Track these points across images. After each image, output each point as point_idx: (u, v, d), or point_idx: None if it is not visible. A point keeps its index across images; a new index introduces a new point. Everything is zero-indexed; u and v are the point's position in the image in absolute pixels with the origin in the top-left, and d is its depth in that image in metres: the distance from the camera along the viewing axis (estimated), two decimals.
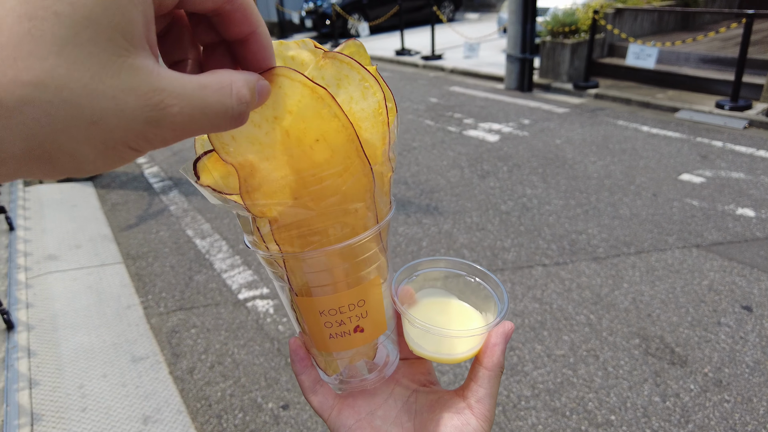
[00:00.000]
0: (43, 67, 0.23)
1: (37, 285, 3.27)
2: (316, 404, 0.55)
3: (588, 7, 7.69)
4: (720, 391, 2.38)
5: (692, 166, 4.72)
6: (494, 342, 0.51)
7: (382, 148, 0.47)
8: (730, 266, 3.24)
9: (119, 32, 0.25)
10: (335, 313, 0.51)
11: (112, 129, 0.25)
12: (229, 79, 0.31)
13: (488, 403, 0.50)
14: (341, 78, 0.45)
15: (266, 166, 0.41)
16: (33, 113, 0.23)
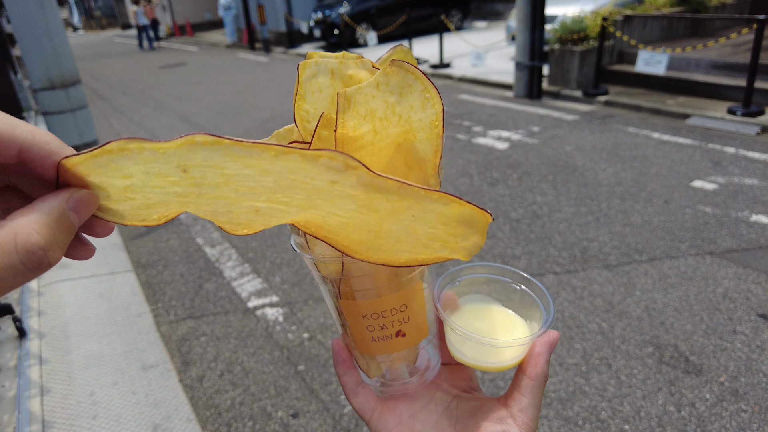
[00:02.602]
0: None
1: (48, 293, 3.29)
2: (357, 406, 0.55)
3: (597, 14, 7.68)
4: (737, 400, 2.33)
5: (704, 172, 4.67)
6: (538, 351, 0.51)
7: (434, 161, 0.47)
8: (745, 273, 3.19)
9: None
10: (378, 317, 0.51)
11: None
12: (12, 231, 0.27)
13: (531, 413, 0.50)
14: (405, 87, 0.45)
15: (189, 208, 0.40)
16: None
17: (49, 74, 4.78)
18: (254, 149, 0.37)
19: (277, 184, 0.39)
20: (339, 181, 0.39)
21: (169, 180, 0.38)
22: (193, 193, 0.39)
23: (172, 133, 7.41)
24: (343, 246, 0.43)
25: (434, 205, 0.41)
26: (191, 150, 0.38)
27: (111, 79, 12.89)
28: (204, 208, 0.39)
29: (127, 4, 31.80)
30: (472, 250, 0.44)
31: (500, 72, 9.12)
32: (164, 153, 0.37)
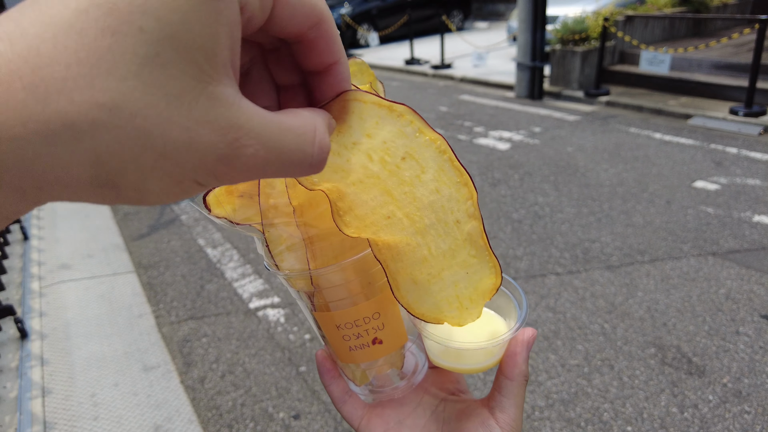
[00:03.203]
0: (120, 88, 0.21)
1: (50, 294, 3.29)
2: (346, 414, 0.55)
3: (598, 15, 7.67)
4: (740, 402, 2.32)
5: (706, 173, 4.66)
6: (515, 351, 0.50)
7: None
8: (747, 274, 3.18)
9: (203, 54, 0.23)
10: (352, 327, 0.51)
11: (181, 163, 0.24)
12: (312, 122, 0.29)
13: (513, 413, 0.49)
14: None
15: (353, 189, 0.40)
16: (104, 139, 0.21)
17: None
18: (456, 171, 0.40)
19: (431, 204, 0.41)
20: (461, 224, 0.42)
21: (383, 158, 0.39)
22: (379, 178, 0.40)
23: None
24: (393, 280, 0.45)
25: (485, 270, 0.44)
26: (428, 147, 0.39)
27: None
28: (361, 196, 0.41)
29: None
30: (466, 320, 0.46)
31: (501, 72, 9.12)
32: (414, 138, 0.38)
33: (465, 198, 0.41)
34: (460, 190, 0.40)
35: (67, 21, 0.21)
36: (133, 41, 0.21)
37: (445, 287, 0.45)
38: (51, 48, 0.21)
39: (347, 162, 0.39)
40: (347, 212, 0.42)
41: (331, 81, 0.34)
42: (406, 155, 0.39)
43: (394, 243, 0.43)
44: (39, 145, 0.21)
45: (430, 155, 0.39)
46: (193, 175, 0.24)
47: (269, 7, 0.27)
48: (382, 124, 0.38)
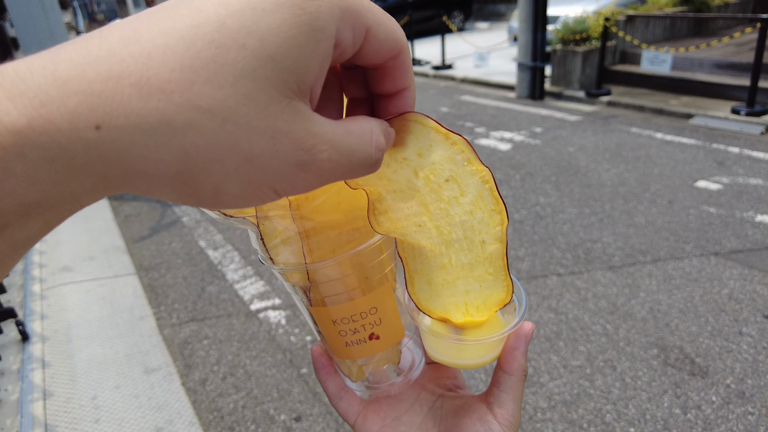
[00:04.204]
0: (216, 95, 0.24)
1: (51, 296, 3.29)
2: (342, 410, 0.55)
3: (599, 15, 7.66)
4: (743, 402, 2.31)
5: (708, 172, 4.65)
6: (513, 346, 0.50)
7: None
8: (750, 274, 3.17)
9: (294, 76, 0.26)
10: (348, 322, 0.51)
11: (263, 168, 0.26)
12: (369, 126, 0.32)
13: (511, 409, 0.49)
14: None
15: (393, 196, 0.43)
16: (195, 138, 0.24)
17: None
18: (494, 200, 0.43)
19: (463, 222, 0.43)
20: (486, 244, 0.44)
21: (428, 177, 0.42)
22: (417, 191, 0.42)
23: None
24: (409, 276, 0.47)
25: (498, 287, 0.46)
26: (473, 176, 0.42)
27: None
28: (399, 204, 0.43)
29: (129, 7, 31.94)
30: (468, 325, 0.49)
31: (502, 73, 9.11)
32: (462, 165, 0.41)
33: (496, 224, 0.44)
34: (493, 216, 0.43)
35: (179, 32, 0.24)
36: (234, 55, 0.24)
37: (457, 294, 0.47)
38: (160, 54, 0.23)
39: (394, 173, 0.41)
40: (382, 214, 0.44)
41: (398, 104, 0.37)
42: (450, 178, 0.41)
43: (420, 246, 0.45)
44: (136, 137, 0.23)
45: (472, 183, 0.42)
46: (272, 181, 0.27)
47: (360, 43, 0.30)
48: (435, 147, 0.40)
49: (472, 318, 0.47)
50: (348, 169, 0.30)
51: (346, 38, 0.28)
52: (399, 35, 0.32)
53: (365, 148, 0.31)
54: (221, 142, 0.24)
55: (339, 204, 0.47)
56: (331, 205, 0.47)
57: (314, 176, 0.28)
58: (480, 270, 0.45)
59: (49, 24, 4.63)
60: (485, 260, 0.45)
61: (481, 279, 0.46)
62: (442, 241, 0.44)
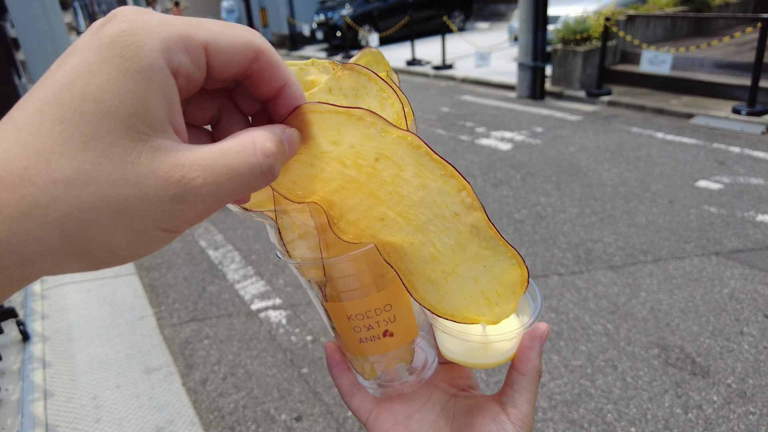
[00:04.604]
0: (72, 165, 0.26)
1: (52, 296, 3.29)
2: (354, 408, 0.55)
3: (599, 14, 7.66)
4: (744, 402, 2.31)
5: (709, 172, 4.64)
6: (528, 346, 0.50)
7: None
8: (751, 274, 3.17)
9: (138, 119, 0.27)
10: (363, 318, 0.51)
11: (137, 214, 0.27)
12: (250, 137, 0.31)
13: (525, 409, 0.49)
14: (359, 89, 0.45)
15: (338, 197, 0.41)
16: (64, 209, 0.25)
17: None
18: (437, 164, 0.40)
19: (421, 200, 0.41)
20: (461, 216, 0.41)
21: (356, 162, 0.40)
22: (359, 182, 0.40)
23: None
24: (408, 282, 0.45)
25: (503, 261, 0.43)
26: (398, 145, 0.39)
27: None
28: (348, 202, 0.41)
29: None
30: (501, 316, 0.45)
31: (503, 73, 9.11)
32: (381, 138, 0.39)
33: (456, 190, 0.40)
34: (447, 182, 0.40)
35: (26, 121, 0.26)
36: (77, 124, 0.26)
37: (465, 284, 0.44)
38: (15, 145, 0.25)
39: (322, 171, 0.40)
40: (340, 219, 0.43)
41: (285, 102, 0.36)
42: (378, 156, 0.39)
43: (398, 243, 0.43)
44: (14, 225, 0.25)
45: (403, 152, 0.39)
46: (153, 222, 0.28)
47: (203, 62, 0.31)
48: (344, 129, 0.38)
49: (499, 306, 0.44)
50: (235, 186, 0.30)
51: (183, 63, 0.29)
52: (248, 38, 0.32)
53: (248, 159, 0.30)
54: (89, 204, 0.26)
55: None
56: None
57: (196, 204, 0.29)
58: (473, 248, 0.42)
59: (50, 24, 4.64)
60: (471, 234, 0.41)
61: (480, 258, 0.42)
62: (415, 228, 0.42)
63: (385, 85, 0.45)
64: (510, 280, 0.44)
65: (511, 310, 0.45)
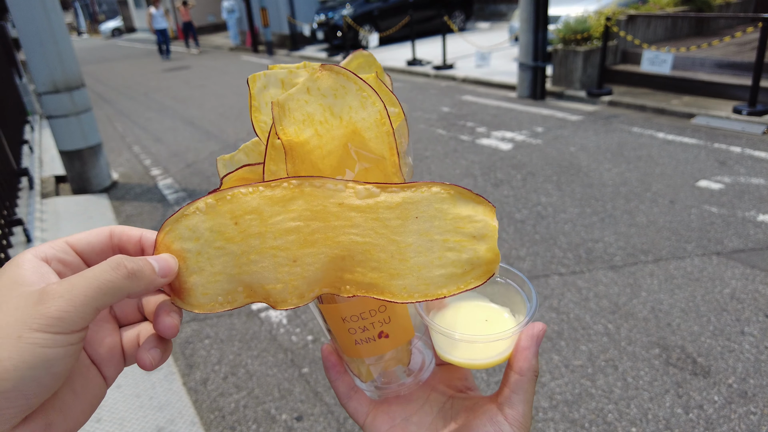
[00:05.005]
0: None
1: None
2: (351, 410, 0.55)
3: (600, 14, 7.66)
4: (746, 402, 2.31)
5: (710, 172, 4.64)
6: (524, 345, 0.50)
7: (392, 159, 0.47)
8: (752, 274, 3.16)
9: (14, 280, 0.37)
10: (357, 319, 0.51)
11: (9, 323, 0.34)
12: (116, 259, 0.40)
13: (522, 409, 0.49)
14: (338, 89, 0.46)
15: (203, 273, 0.46)
16: None
17: (54, 78, 4.80)
18: (276, 188, 0.42)
19: (303, 218, 0.43)
20: (344, 201, 0.43)
21: (226, 236, 0.43)
22: (247, 249, 0.43)
23: (175, 135, 7.44)
24: (383, 288, 0.45)
25: (430, 197, 0.44)
26: (237, 199, 0.43)
27: (115, 83, 12.95)
28: (259, 274, 0.43)
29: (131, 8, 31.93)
30: (488, 257, 0.45)
31: (503, 73, 9.11)
32: (218, 208, 0.43)
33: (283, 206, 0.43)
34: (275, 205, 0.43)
35: None
36: None
37: (423, 250, 0.44)
38: None
39: (211, 259, 0.44)
40: (279, 302, 0.44)
41: (148, 246, 0.46)
42: (239, 217, 0.43)
43: (322, 272, 0.44)
44: None
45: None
46: (25, 325, 0.34)
47: (70, 249, 0.43)
48: (197, 229, 0.43)
49: (473, 240, 0.44)
50: (88, 284, 0.37)
51: (50, 253, 0.41)
52: (101, 228, 0.46)
53: (104, 265, 0.39)
54: None
55: None
56: None
57: (56, 300, 0.35)
58: (381, 214, 0.44)
59: (51, 24, 4.64)
60: (373, 207, 0.44)
61: (400, 214, 0.44)
62: (336, 244, 0.44)
63: (365, 85, 0.46)
64: (458, 214, 0.44)
65: (490, 252, 0.45)
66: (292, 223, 0.43)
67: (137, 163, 6.36)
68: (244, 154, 0.56)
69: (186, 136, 7.40)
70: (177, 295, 0.44)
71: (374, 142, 0.46)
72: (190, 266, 0.43)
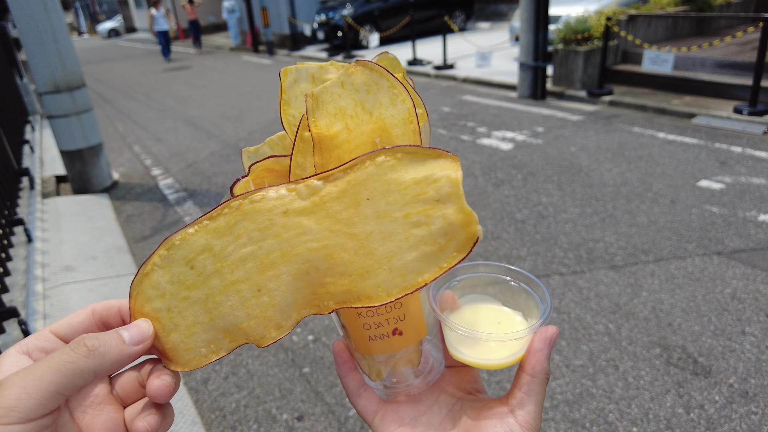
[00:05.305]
0: None
1: (54, 296, 3.29)
2: (360, 408, 0.55)
3: (601, 14, 7.65)
4: (746, 402, 2.30)
5: (711, 172, 4.64)
6: (537, 348, 0.50)
7: None
8: (753, 274, 3.16)
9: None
10: (373, 315, 0.51)
11: None
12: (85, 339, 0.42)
13: (533, 411, 0.49)
14: (370, 85, 0.46)
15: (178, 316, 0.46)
16: None
17: (54, 78, 4.80)
18: (219, 218, 0.42)
19: (253, 241, 0.42)
20: (288, 208, 0.42)
21: (187, 284, 0.42)
22: (210, 292, 0.42)
23: (176, 135, 7.44)
24: (359, 294, 0.44)
25: (376, 171, 0.42)
26: (186, 242, 0.42)
27: (115, 83, 12.95)
28: (230, 315, 0.43)
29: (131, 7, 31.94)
30: (460, 219, 0.42)
31: (504, 73, 9.10)
32: (171, 257, 0.42)
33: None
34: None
35: None
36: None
37: (386, 235, 0.43)
38: None
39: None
40: (259, 339, 0.44)
41: (126, 321, 0.47)
42: (204, 250, 0.43)
43: (291, 294, 0.44)
44: None
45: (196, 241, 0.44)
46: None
47: (50, 335, 0.43)
48: (160, 282, 0.43)
49: (438, 204, 0.43)
50: (54, 364, 0.39)
51: (32, 343, 0.42)
52: (82, 308, 0.46)
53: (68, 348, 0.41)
54: None
55: None
56: None
57: (15, 381, 0.37)
58: (329, 209, 0.43)
59: (52, 24, 4.64)
60: (312, 208, 0.44)
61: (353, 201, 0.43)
62: (293, 257, 0.43)
63: (397, 82, 0.46)
64: (408, 180, 0.43)
65: (459, 213, 0.43)
66: (244, 249, 0.41)
67: (138, 163, 6.36)
68: (269, 147, 0.56)
69: (187, 136, 7.40)
70: (166, 358, 0.44)
71: (401, 139, 0.47)
72: (166, 325, 0.43)
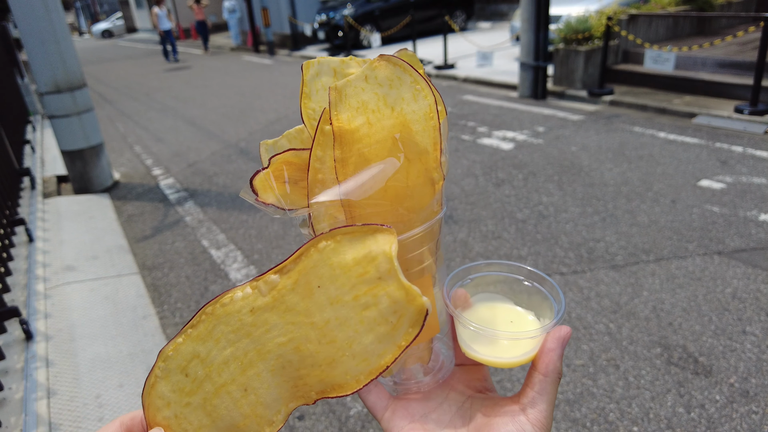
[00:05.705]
0: None
1: (55, 295, 3.30)
2: (370, 404, 0.55)
3: (601, 14, 7.65)
4: (747, 402, 2.30)
5: (712, 171, 4.64)
6: (550, 347, 0.50)
7: (434, 154, 0.48)
8: (754, 273, 3.16)
9: None
10: None
11: None
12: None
13: (544, 410, 0.49)
14: (393, 79, 0.46)
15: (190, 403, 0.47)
16: None
17: (55, 78, 4.81)
18: (198, 325, 0.43)
19: (231, 343, 0.43)
20: (254, 306, 0.44)
21: (186, 391, 0.44)
22: (206, 396, 0.44)
23: (177, 135, 7.44)
24: (332, 384, 0.45)
25: (321, 258, 0.44)
26: (179, 351, 0.44)
27: (116, 83, 12.96)
28: (227, 416, 0.44)
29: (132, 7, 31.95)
30: (400, 297, 0.43)
31: (505, 72, 9.10)
32: (168, 368, 0.44)
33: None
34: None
35: None
36: None
37: (342, 320, 0.44)
38: None
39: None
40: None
41: None
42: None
43: (275, 389, 0.45)
44: None
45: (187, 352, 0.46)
46: None
47: None
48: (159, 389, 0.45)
49: (381, 295, 0.44)
50: None
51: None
52: (117, 419, 0.48)
53: None
54: None
55: (386, 191, 0.48)
56: (379, 193, 0.48)
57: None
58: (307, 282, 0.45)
59: (52, 24, 4.64)
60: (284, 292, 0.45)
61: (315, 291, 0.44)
62: (265, 353, 0.45)
63: (420, 77, 0.46)
64: (348, 261, 0.44)
65: (400, 293, 0.44)
66: (225, 352, 0.43)
67: (139, 163, 6.36)
68: (287, 141, 0.56)
69: (187, 136, 7.41)
70: None
71: (420, 135, 0.47)
72: (177, 431, 0.44)
